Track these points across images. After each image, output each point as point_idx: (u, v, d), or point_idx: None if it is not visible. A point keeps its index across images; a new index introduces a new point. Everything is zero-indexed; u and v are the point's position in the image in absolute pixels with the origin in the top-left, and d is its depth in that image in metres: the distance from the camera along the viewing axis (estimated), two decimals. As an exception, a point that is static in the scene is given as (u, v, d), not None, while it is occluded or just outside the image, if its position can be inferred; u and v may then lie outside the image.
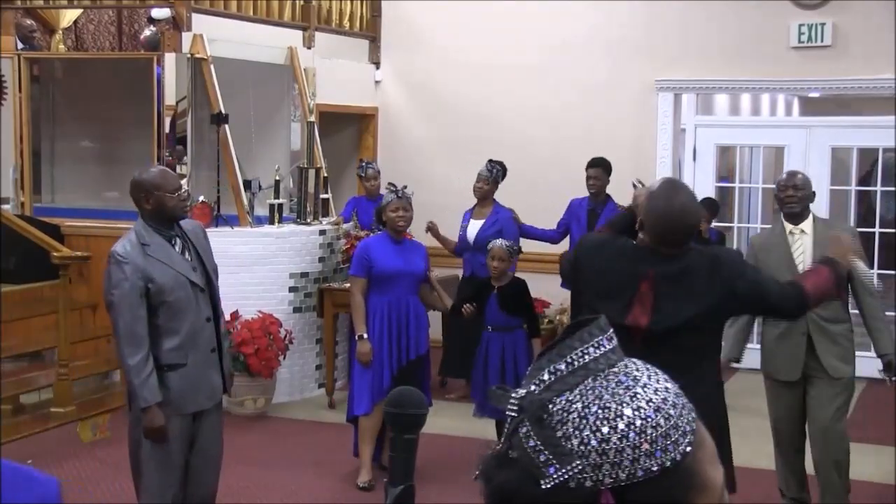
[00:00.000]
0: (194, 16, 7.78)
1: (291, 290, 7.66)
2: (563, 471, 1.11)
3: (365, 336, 5.69)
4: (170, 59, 7.69)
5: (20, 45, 8.55)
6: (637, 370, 1.18)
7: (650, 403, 1.13)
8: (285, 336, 7.37)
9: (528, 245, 7.29)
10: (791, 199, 5.03)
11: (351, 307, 5.89)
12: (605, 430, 1.11)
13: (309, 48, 8.89)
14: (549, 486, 1.12)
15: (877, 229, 8.88)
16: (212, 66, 7.77)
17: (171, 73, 7.74)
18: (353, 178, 10.12)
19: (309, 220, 7.93)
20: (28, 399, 6.95)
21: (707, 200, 7.87)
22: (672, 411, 1.14)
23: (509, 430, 1.19)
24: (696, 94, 9.19)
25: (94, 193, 8.63)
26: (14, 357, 7.19)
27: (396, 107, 9.96)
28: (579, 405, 1.13)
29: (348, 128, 10.08)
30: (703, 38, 8.88)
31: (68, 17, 9.17)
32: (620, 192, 7.86)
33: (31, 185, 8.16)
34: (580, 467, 1.11)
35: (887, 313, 5.36)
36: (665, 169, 9.01)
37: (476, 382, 6.05)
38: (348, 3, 9.71)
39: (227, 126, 7.70)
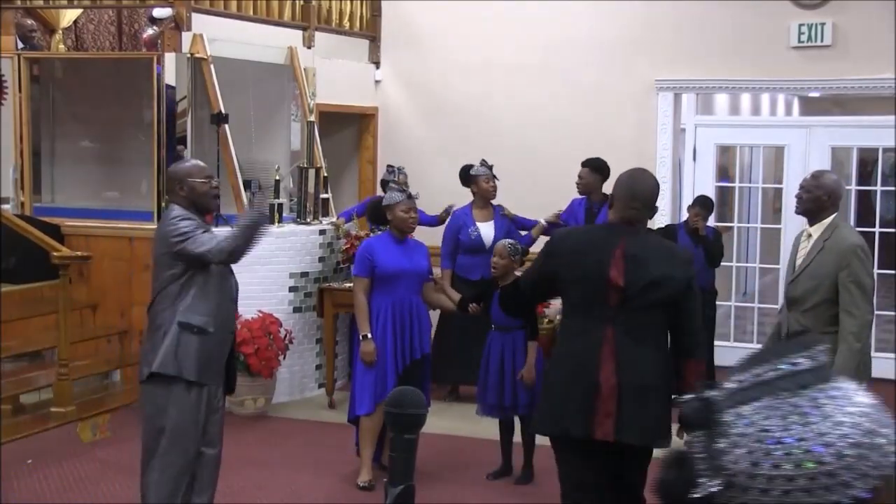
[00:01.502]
0: (194, 16, 7.78)
1: (291, 289, 7.66)
2: (710, 485, 1.06)
3: (369, 336, 5.68)
4: (170, 59, 7.69)
5: (20, 45, 8.54)
6: (830, 399, 1.06)
7: (822, 437, 1.02)
8: (285, 336, 7.37)
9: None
10: (797, 199, 4.99)
11: (354, 307, 5.88)
12: (758, 454, 1.03)
13: (309, 48, 8.89)
14: (697, 496, 1.07)
15: (877, 229, 8.88)
16: (212, 66, 7.77)
17: (171, 73, 7.73)
18: (354, 178, 10.13)
19: (309, 220, 7.93)
20: (28, 399, 6.95)
21: (702, 198, 7.87)
22: (850, 451, 1.01)
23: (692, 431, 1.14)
24: (696, 94, 9.19)
25: (94, 193, 8.62)
26: (14, 357, 7.19)
27: (396, 107, 9.96)
28: (744, 422, 1.06)
29: (348, 128, 10.08)
30: (703, 38, 8.88)
31: (68, 17, 9.16)
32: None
33: (31, 185, 8.15)
34: (724, 486, 1.05)
35: (886, 313, 5.31)
36: (665, 169, 9.01)
37: (480, 382, 6.06)
38: (348, 3, 9.70)
39: (227, 126, 7.70)
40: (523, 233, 7.57)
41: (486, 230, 7.47)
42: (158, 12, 7.89)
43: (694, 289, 4.05)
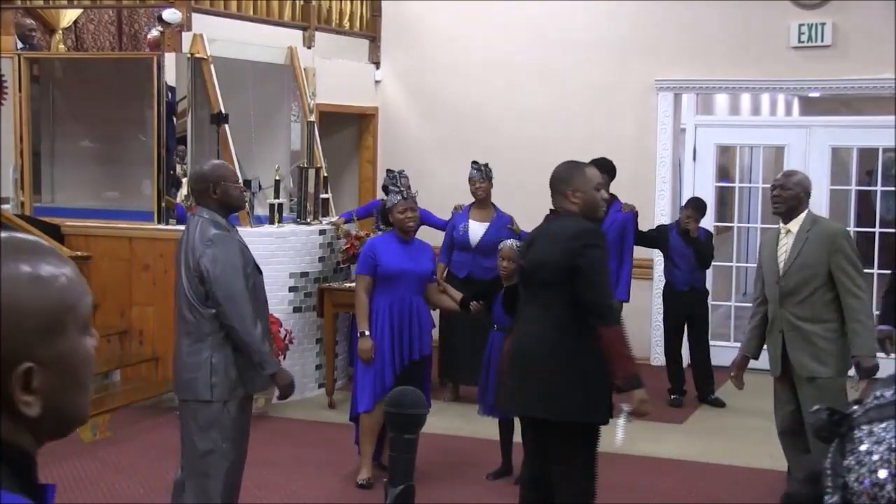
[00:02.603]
0: (194, 16, 7.78)
1: (291, 290, 7.66)
2: (830, 502, 1.02)
3: (367, 333, 5.72)
4: (170, 59, 7.69)
5: (18, 45, 8.54)
6: None
7: None
8: (285, 336, 7.36)
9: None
10: (776, 199, 5.13)
11: (355, 304, 5.92)
12: (881, 474, 0.99)
13: (309, 48, 8.89)
14: None
15: (877, 229, 8.88)
16: (212, 66, 7.77)
17: (171, 73, 7.73)
18: (354, 178, 10.14)
19: (309, 220, 7.93)
20: (28, 399, 6.94)
21: (695, 200, 7.87)
22: None
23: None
24: (696, 94, 9.19)
25: (94, 193, 8.62)
26: (14, 357, 7.19)
27: (396, 107, 9.96)
28: (873, 439, 1.02)
29: (348, 128, 10.08)
30: (703, 37, 8.89)
31: (68, 17, 9.16)
32: (622, 191, 7.87)
33: (31, 185, 8.15)
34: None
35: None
36: (665, 169, 9.02)
37: (481, 382, 6.07)
38: (348, 2, 9.71)
39: (227, 126, 7.70)
40: None
41: (476, 229, 7.49)
42: (169, 16, 7.90)
43: (581, 264, 4.12)
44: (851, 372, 5.15)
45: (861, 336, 4.93)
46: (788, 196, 5.07)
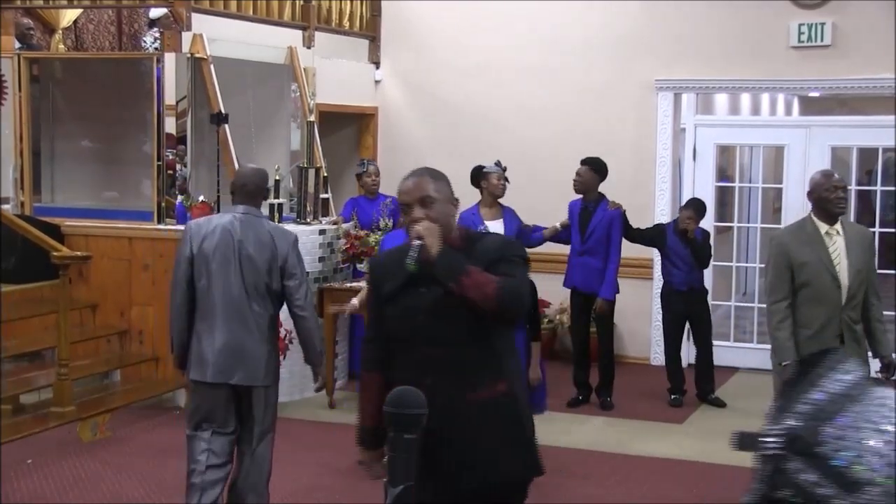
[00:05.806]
0: (194, 16, 7.78)
1: (291, 289, 7.65)
2: (856, 502, 1.05)
3: None
4: (170, 58, 7.68)
5: (18, 45, 8.54)
6: (886, 395, 1.10)
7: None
8: (285, 336, 7.35)
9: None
10: (843, 200, 5.06)
11: None
12: (887, 451, 1.04)
13: (309, 48, 8.90)
14: None
15: (877, 229, 8.88)
16: (212, 66, 7.77)
17: (171, 73, 7.73)
18: (354, 177, 10.13)
19: (309, 220, 7.93)
20: (28, 399, 6.94)
21: (696, 202, 7.86)
22: None
23: (769, 470, 1.13)
24: (696, 93, 9.19)
25: (94, 193, 8.62)
26: (14, 357, 7.18)
27: (396, 107, 9.96)
28: (852, 431, 1.07)
29: (348, 128, 10.08)
30: (703, 38, 8.89)
31: (68, 17, 9.16)
32: (622, 191, 7.88)
33: (31, 185, 8.15)
34: (872, 495, 1.05)
35: (886, 313, 5.35)
36: (665, 169, 9.02)
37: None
38: (348, 2, 9.71)
39: (227, 126, 7.70)
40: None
41: (496, 227, 7.43)
42: (155, 13, 7.88)
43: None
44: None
45: (889, 334, 5.06)
46: (846, 197, 5.09)
